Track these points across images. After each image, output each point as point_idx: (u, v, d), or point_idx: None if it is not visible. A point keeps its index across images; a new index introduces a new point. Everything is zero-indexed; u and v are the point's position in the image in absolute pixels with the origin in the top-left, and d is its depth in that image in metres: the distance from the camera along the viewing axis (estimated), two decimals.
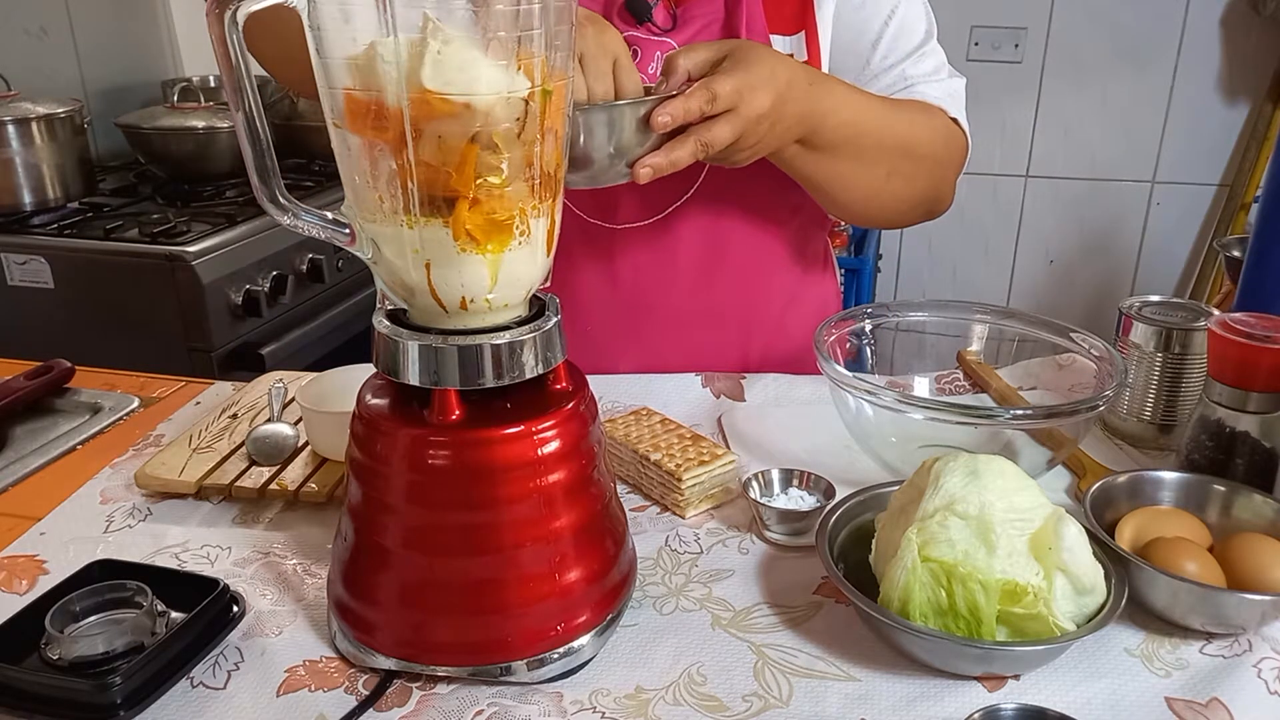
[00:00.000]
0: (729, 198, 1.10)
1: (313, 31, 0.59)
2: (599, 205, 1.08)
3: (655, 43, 1.07)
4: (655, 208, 1.09)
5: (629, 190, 1.05)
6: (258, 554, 0.82)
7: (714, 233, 1.11)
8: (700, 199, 1.09)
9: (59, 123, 1.91)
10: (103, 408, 1.08)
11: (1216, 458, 0.83)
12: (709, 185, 1.08)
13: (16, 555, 0.81)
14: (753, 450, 0.97)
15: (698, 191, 1.08)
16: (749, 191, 1.10)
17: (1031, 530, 0.68)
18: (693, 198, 1.08)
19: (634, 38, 1.07)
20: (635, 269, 1.11)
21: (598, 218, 1.09)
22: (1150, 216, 2.74)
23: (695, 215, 1.10)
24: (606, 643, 0.70)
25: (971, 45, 2.67)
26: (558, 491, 0.67)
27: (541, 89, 0.61)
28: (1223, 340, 0.80)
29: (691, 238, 1.10)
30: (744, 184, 1.08)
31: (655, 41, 1.07)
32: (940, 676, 0.67)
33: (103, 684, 0.62)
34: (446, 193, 0.61)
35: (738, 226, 1.12)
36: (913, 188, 1.07)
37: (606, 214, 1.09)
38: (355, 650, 0.69)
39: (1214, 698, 0.65)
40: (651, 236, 1.10)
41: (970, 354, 1.07)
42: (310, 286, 1.97)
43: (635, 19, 1.07)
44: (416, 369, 0.65)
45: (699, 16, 1.08)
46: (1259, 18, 2.48)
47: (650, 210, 1.09)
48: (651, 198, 1.08)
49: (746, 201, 1.11)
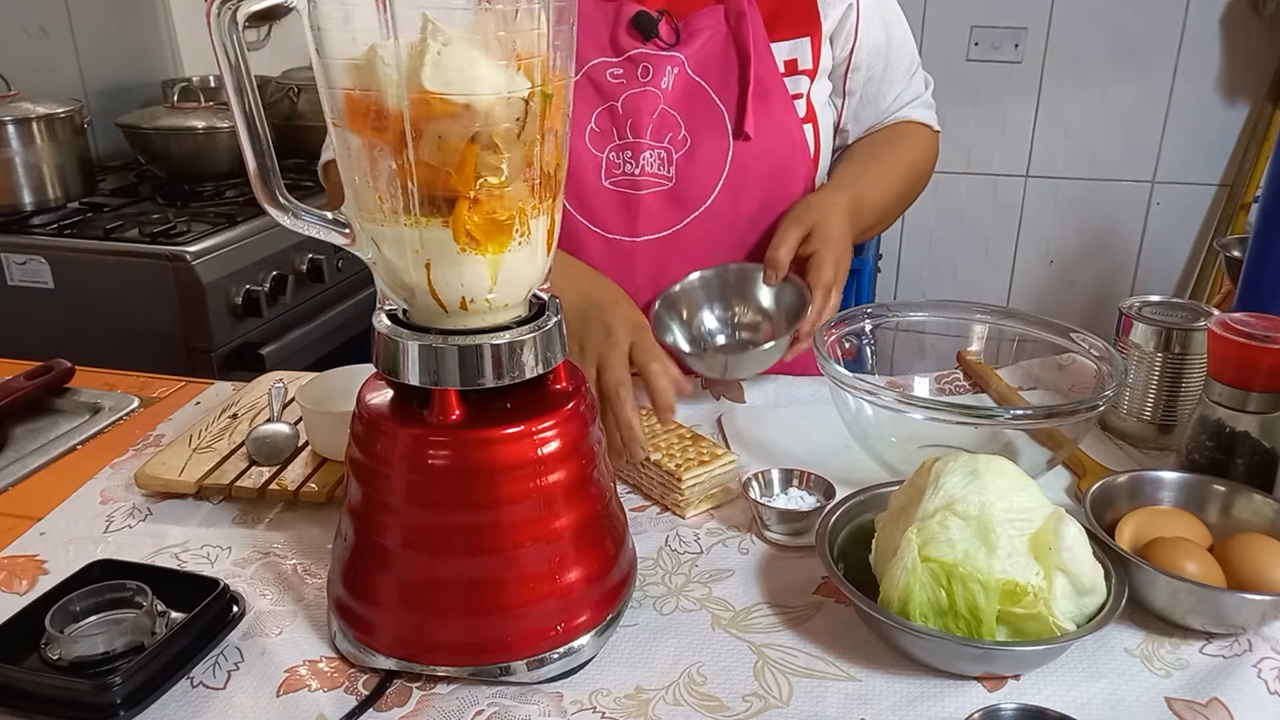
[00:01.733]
0: (741, 207, 1.11)
1: (313, 32, 0.59)
2: (621, 220, 1.10)
3: (665, 58, 1.09)
4: (672, 221, 1.11)
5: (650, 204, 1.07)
6: (258, 554, 0.81)
7: (726, 240, 1.13)
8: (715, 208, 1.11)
9: (59, 123, 1.91)
10: (103, 408, 1.08)
11: (1216, 458, 0.83)
12: (724, 196, 1.10)
13: (16, 555, 0.81)
14: (753, 450, 0.97)
15: (714, 201, 1.10)
16: (758, 199, 1.12)
17: (1031, 530, 0.68)
18: (709, 207, 1.10)
19: (642, 54, 1.08)
20: (653, 278, 1.12)
21: (619, 232, 1.11)
22: (1150, 216, 2.74)
23: (710, 224, 1.11)
24: (606, 643, 0.70)
25: (971, 45, 2.67)
26: (558, 491, 0.67)
27: (541, 90, 0.61)
28: (1223, 340, 0.80)
29: (705, 245, 1.12)
30: (752, 193, 1.11)
31: (665, 57, 1.09)
32: (940, 676, 0.67)
33: (103, 684, 0.62)
34: (446, 193, 0.61)
35: (749, 233, 1.14)
36: (914, 195, 1.28)
37: (629, 228, 1.11)
38: (355, 650, 0.69)
39: (1214, 698, 0.65)
40: (670, 247, 1.12)
41: (970, 354, 1.07)
42: (310, 286, 1.97)
43: (642, 35, 1.08)
44: (416, 369, 0.65)
45: (703, 29, 1.09)
46: (1259, 18, 2.48)
47: (668, 223, 1.11)
48: (669, 212, 1.10)
49: (756, 209, 1.12)
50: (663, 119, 1.08)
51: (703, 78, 1.09)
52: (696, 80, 1.09)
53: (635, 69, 1.08)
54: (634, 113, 1.08)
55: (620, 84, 1.08)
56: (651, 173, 1.09)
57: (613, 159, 1.09)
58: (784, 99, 1.11)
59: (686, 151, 1.09)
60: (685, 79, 1.09)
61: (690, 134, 1.09)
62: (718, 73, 1.09)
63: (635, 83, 1.08)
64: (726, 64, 1.09)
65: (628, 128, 1.08)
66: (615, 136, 1.09)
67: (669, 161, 1.08)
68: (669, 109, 1.08)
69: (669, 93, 1.08)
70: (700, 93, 1.09)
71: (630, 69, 1.08)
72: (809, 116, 1.13)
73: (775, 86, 1.10)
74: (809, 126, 1.13)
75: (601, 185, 1.09)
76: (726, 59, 1.09)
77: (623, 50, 1.09)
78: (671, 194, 1.09)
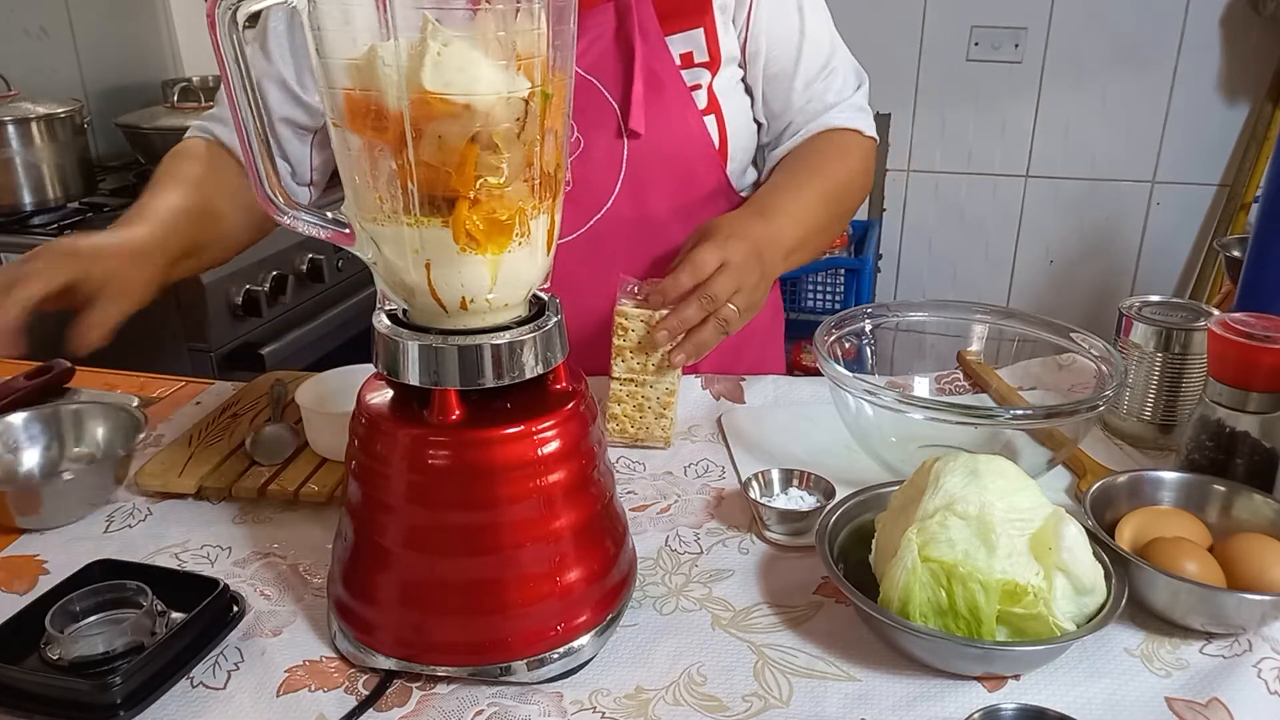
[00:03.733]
0: (645, 206, 1.10)
1: (313, 32, 0.59)
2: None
3: None
4: (574, 225, 1.09)
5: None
6: (258, 554, 0.81)
7: (636, 242, 1.11)
8: (618, 209, 1.09)
9: (59, 123, 1.91)
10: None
11: (1216, 458, 0.83)
12: (624, 195, 1.09)
13: (16, 555, 0.81)
14: (753, 450, 0.97)
15: (616, 201, 1.09)
16: (662, 197, 1.11)
17: (1031, 530, 0.68)
18: (612, 208, 1.09)
19: None
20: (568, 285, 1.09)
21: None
22: (1150, 216, 2.74)
23: (615, 226, 1.10)
24: (606, 643, 0.70)
25: (971, 45, 2.67)
26: (558, 491, 0.67)
27: (541, 90, 0.61)
28: (1223, 340, 0.80)
29: (614, 249, 1.10)
30: (655, 191, 1.10)
31: None
32: (940, 676, 0.67)
33: (103, 684, 0.62)
34: (446, 193, 0.61)
35: (661, 234, 1.12)
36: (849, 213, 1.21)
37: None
38: (355, 650, 0.69)
39: (1214, 698, 0.65)
40: (577, 252, 1.09)
41: (970, 354, 1.07)
42: (310, 286, 1.97)
43: None
44: (416, 369, 0.65)
45: (592, 27, 1.06)
46: (1259, 18, 2.48)
47: (570, 228, 1.09)
48: (569, 216, 1.07)
49: (662, 208, 1.11)
50: None
51: (594, 75, 1.06)
52: (588, 78, 1.06)
53: None
54: None
55: None
56: None
57: None
58: (680, 92, 1.08)
59: (581, 153, 1.07)
60: (575, 79, 1.07)
61: (583, 135, 1.07)
62: (609, 70, 1.06)
63: None
64: (616, 60, 1.06)
65: None
66: None
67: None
68: None
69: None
70: (591, 91, 1.06)
71: None
72: (711, 108, 1.10)
73: (670, 79, 1.07)
74: (711, 118, 1.10)
75: None
76: (616, 55, 1.06)
77: None
78: (569, 198, 1.04)
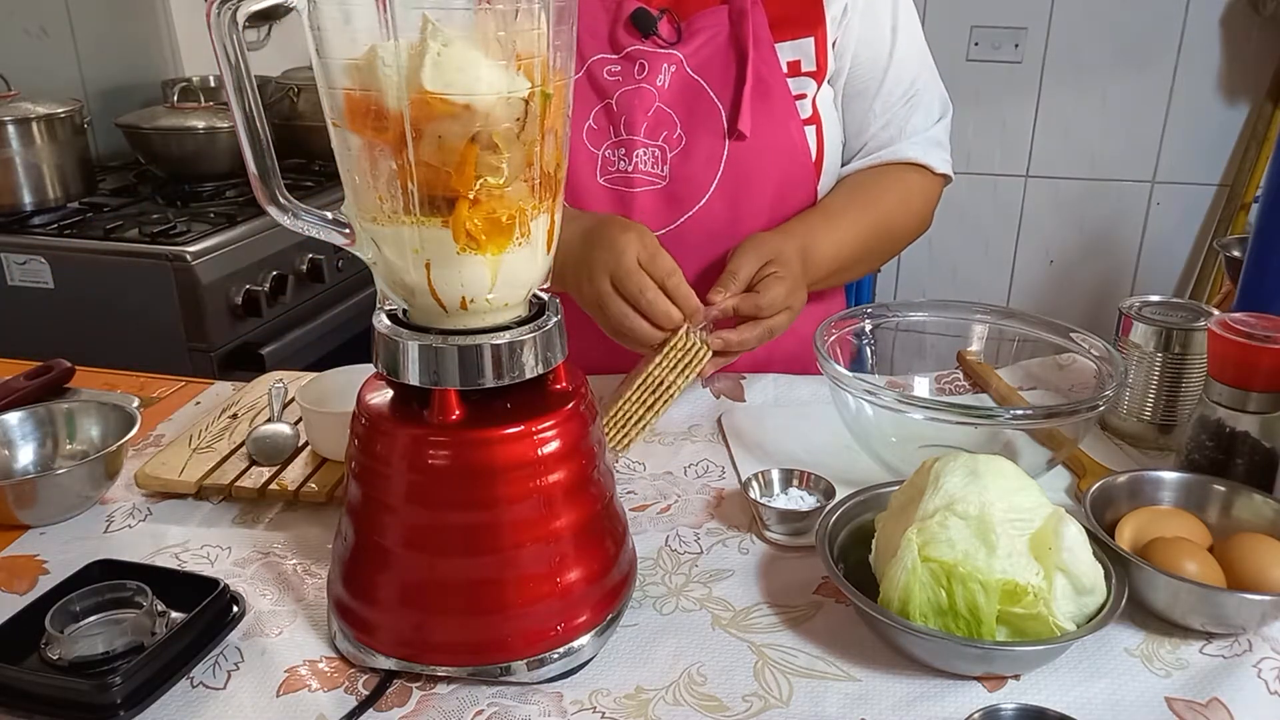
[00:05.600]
0: (738, 208, 1.11)
1: (313, 32, 0.59)
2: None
3: (662, 55, 1.08)
4: (667, 220, 1.10)
5: (644, 202, 1.07)
6: (258, 554, 0.81)
7: (724, 242, 1.12)
8: (711, 208, 1.10)
9: (59, 123, 1.91)
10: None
11: (1216, 458, 0.83)
12: (719, 195, 1.09)
13: (16, 555, 0.81)
14: (753, 450, 0.97)
15: (709, 201, 1.10)
16: (756, 201, 1.11)
17: (1031, 530, 0.68)
18: (705, 207, 1.10)
19: (640, 51, 1.08)
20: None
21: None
22: (1150, 216, 2.74)
23: (706, 224, 1.10)
24: (606, 643, 0.70)
25: (971, 45, 2.67)
26: (558, 491, 0.67)
27: (541, 91, 0.61)
28: (1223, 340, 0.80)
29: (702, 246, 1.11)
30: (750, 194, 1.10)
31: (662, 54, 1.08)
32: (940, 676, 0.67)
33: (103, 684, 0.62)
34: (446, 193, 0.61)
35: (743, 233, 1.12)
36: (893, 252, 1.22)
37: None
38: (355, 650, 0.69)
39: (1214, 698, 0.65)
40: (666, 246, 1.10)
41: (970, 354, 1.07)
42: (310, 286, 1.97)
43: (641, 33, 1.08)
44: (416, 369, 0.65)
45: (705, 28, 1.09)
46: (1259, 18, 2.48)
47: (663, 222, 1.10)
48: (663, 211, 1.10)
49: (755, 211, 1.11)
50: (658, 117, 1.08)
51: (702, 76, 1.09)
52: (695, 79, 1.08)
53: (632, 66, 1.08)
54: (628, 110, 1.08)
55: (616, 81, 1.08)
56: (645, 171, 1.09)
57: (608, 156, 1.09)
58: (786, 100, 1.10)
59: (681, 150, 1.08)
60: (683, 77, 1.08)
61: (686, 133, 1.08)
62: (717, 72, 1.09)
63: (630, 80, 1.08)
64: (726, 63, 1.09)
65: (622, 125, 1.08)
66: (611, 134, 1.09)
67: (663, 160, 1.08)
68: (664, 107, 1.08)
69: (664, 90, 1.08)
70: (698, 91, 1.09)
71: (627, 66, 1.08)
72: (813, 119, 1.12)
73: (777, 86, 1.09)
74: (811, 129, 1.11)
75: (596, 182, 1.09)
76: (726, 58, 1.09)
77: (620, 47, 1.09)
78: (665, 193, 1.09)
